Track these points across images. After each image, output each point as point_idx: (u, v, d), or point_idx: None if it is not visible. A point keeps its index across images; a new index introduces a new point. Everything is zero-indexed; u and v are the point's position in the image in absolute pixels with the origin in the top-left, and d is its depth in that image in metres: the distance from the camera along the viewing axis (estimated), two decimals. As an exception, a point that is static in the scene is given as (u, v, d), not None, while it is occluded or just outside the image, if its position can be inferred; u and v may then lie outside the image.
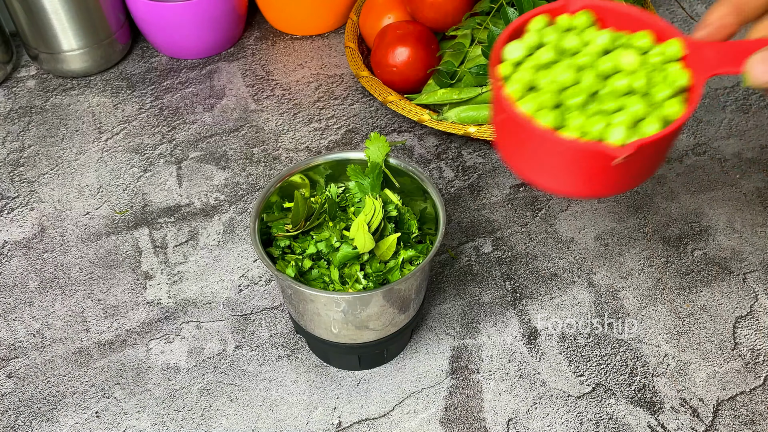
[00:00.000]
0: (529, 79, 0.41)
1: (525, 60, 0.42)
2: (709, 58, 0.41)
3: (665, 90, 0.40)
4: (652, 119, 0.39)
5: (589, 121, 0.39)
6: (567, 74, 0.40)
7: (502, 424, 0.56)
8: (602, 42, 0.41)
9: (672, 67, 0.41)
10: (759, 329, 0.61)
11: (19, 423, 0.56)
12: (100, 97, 0.82)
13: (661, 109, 0.40)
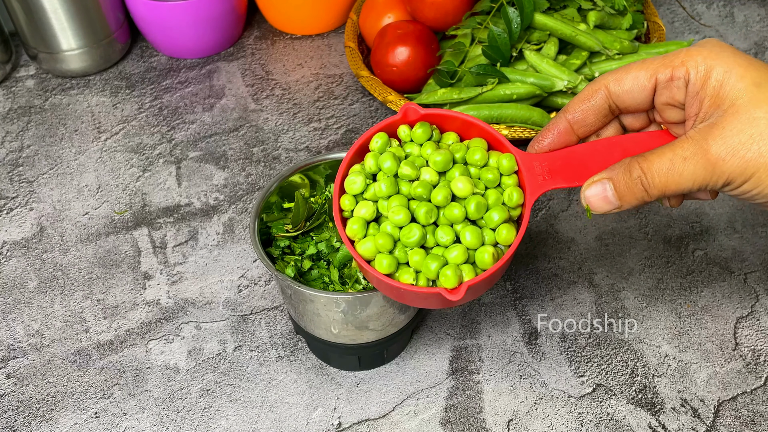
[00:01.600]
0: (368, 216, 0.43)
1: (366, 188, 0.44)
2: (542, 173, 0.43)
3: (498, 215, 0.42)
4: (486, 248, 0.42)
5: (425, 262, 0.42)
6: (402, 215, 0.42)
7: (503, 425, 0.56)
8: (437, 165, 0.43)
9: (506, 183, 0.43)
10: (760, 329, 0.61)
11: (18, 423, 0.56)
12: (99, 97, 0.82)
13: (494, 235, 0.42)
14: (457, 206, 0.42)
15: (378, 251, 0.43)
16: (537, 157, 0.43)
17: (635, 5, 0.78)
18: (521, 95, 0.72)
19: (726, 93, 0.38)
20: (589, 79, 0.75)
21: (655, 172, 0.38)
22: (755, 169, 0.37)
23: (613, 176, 0.40)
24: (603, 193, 0.40)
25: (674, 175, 0.38)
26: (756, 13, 0.92)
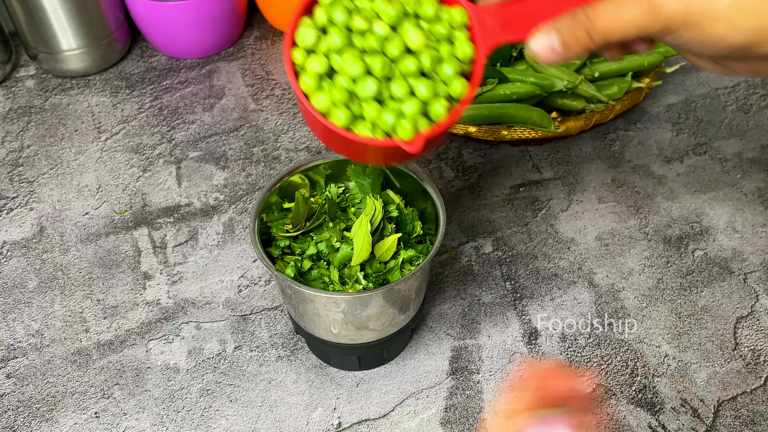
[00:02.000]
0: (322, 69, 0.41)
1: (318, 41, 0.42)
2: (493, 26, 0.42)
3: (450, 67, 0.41)
4: (440, 100, 0.41)
5: (381, 114, 0.41)
6: (356, 67, 0.41)
7: (503, 425, 0.56)
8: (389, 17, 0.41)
9: (458, 38, 0.42)
10: (760, 329, 0.61)
11: (18, 423, 0.56)
12: (99, 97, 0.82)
13: (448, 88, 0.42)
14: (410, 59, 0.41)
15: (333, 104, 0.42)
16: (488, 10, 0.42)
17: None
18: (521, 95, 0.72)
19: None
20: (589, 79, 0.75)
21: (600, 19, 0.39)
22: (695, 15, 0.37)
23: (558, 26, 0.40)
24: (548, 43, 0.40)
25: (617, 19, 0.38)
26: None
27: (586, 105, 0.73)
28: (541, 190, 0.72)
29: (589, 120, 0.72)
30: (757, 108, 0.80)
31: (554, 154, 0.76)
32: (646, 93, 0.76)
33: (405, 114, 0.41)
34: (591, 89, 0.73)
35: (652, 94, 0.82)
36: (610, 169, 0.74)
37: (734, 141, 0.77)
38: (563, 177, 0.73)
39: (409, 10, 0.42)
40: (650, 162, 0.75)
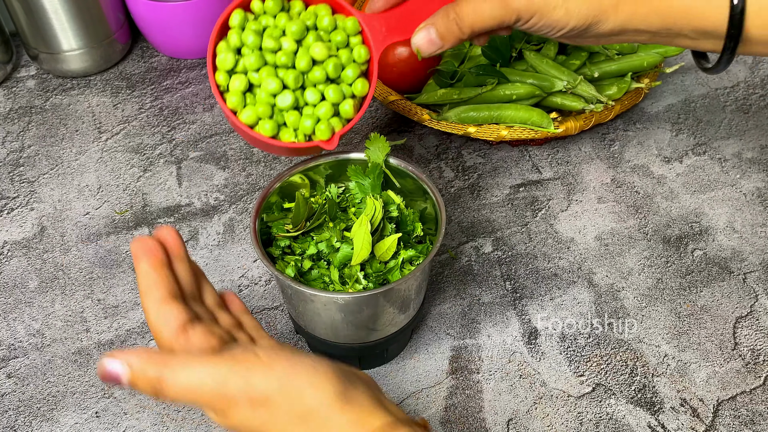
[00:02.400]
0: (242, 87, 0.48)
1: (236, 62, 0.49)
2: (381, 30, 0.50)
3: (352, 71, 0.49)
4: (347, 100, 0.49)
5: (301, 121, 0.49)
6: (273, 83, 0.48)
7: (502, 425, 0.56)
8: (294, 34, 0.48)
9: (354, 43, 0.50)
10: (759, 329, 0.61)
11: (19, 423, 0.56)
12: (99, 97, 0.82)
13: (351, 89, 0.50)
14: (318, 69, 0.49)
15: (259, 118, 0.49)
16: (376, 17, 0.49)
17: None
18: (521, 95, 0.72)
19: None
20: (589, 79, 0.75)
21: (464, 14, 0.46)
22: (537, 6, 0.45)
23: (434, 22, 0.47)
24: (428, 37, 0.48)
25: (479, 14, 0.46)
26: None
27: (586, 105, 0.73)
28: (540, 190, 0.72)
29: (589, 120, 0.72)
30: (756, 108, 0.80)
31: (554, 154, 0.76)
32: (645, 93, 0.76)
33: (320, 117, 0.49)
34: (590, 89, 0.73)
35: (651, 95, 0.82)
36: (610, 169, 0.74)
37: (733, 141, 0.77)
38: (563, 177, 0.73)
39: (309, 24, 0.49)
40: (650, 162, 0.75)
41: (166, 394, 0.37)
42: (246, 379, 0.37)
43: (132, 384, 0.38)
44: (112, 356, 0.38)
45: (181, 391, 0.37)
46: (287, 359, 0.38)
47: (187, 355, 0.38)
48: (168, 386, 0.37)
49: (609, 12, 0.46)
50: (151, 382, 0.37)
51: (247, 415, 0.37)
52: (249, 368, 0.38)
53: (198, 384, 0.37)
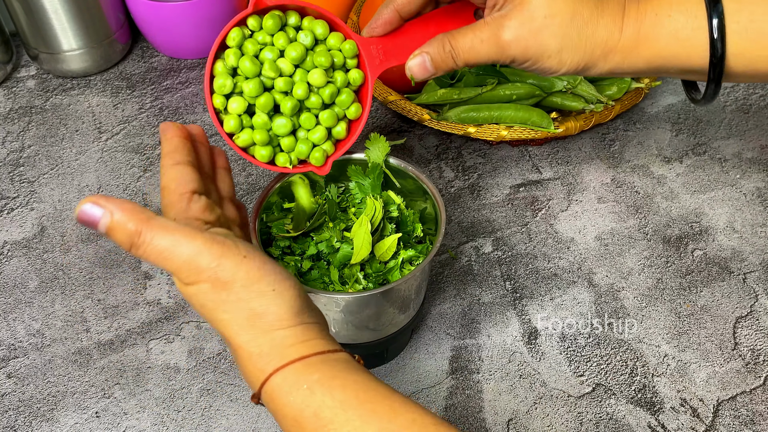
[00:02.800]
0: (240, 109, 0.49)
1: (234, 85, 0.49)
2: (378, 55, 0.51)
3: (347, 96, 0.50)
4: (341, 123, 0.51)
5: (297, 147, 0.50)
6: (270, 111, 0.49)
7: (502, 424, 0.56)
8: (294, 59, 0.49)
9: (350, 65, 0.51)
10: (759, 329, 0.61)
11: (19, 423, 0.56)
12: (100, 97, 0.82)
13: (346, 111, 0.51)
14: (314, 95, 0.49)
15: (254, 142, 0.49)
16: (374, 42, 0.50)
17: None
18: (521, 95, 0.72)
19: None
20: (589, 79, 0.75)
21: (460, 49, 0.48)
22: (531, 53, 0.48)
23: (429, 51, 0.49)
24: (423, 64, 0.49)
25: (474, 53, 0.48)
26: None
27: (586, 105, 0.73)
28: (540, 190, 0.72)
29: (589, 120, 0.72)
30: (756, 108, 0.80)
31: (554, 154, 0.76)
32: (645, 93, 0.76)
33: (315, 142, 0.50)
34: (590, 89, 0.73)
35: (651, 95, 0.82)
36: (610, 169, 0.74)
37: (733, 141, 0.77)
38: (563, 177, 0.73)
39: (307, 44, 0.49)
40: (650, 162, 0.75)
41: (140, 250, 0.39)
42: (218, 260, 0.39)
43: (108, 232, 0.39)
44: (95, 202, 0.39)
45: (154, 252, 0.39)
46: (262, 260, 0.41)
47: (169, 221, 0.40)
48: (144, 244, 0.39)
49: (599, 61, 0.49)
50: (129, 236, 0.39)
51: (206, 292, 0.39)
52: (224, 252, 0.39)
53: (172, 249, 0.39)
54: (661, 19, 0.48)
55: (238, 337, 0.40)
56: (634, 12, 0.49)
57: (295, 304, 0.41)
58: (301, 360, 0.39)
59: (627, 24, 0.48)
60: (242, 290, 0.39)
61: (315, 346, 0.40)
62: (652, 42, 0.48)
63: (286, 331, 0.40)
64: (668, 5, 0.48)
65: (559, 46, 0.48)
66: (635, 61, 0.49)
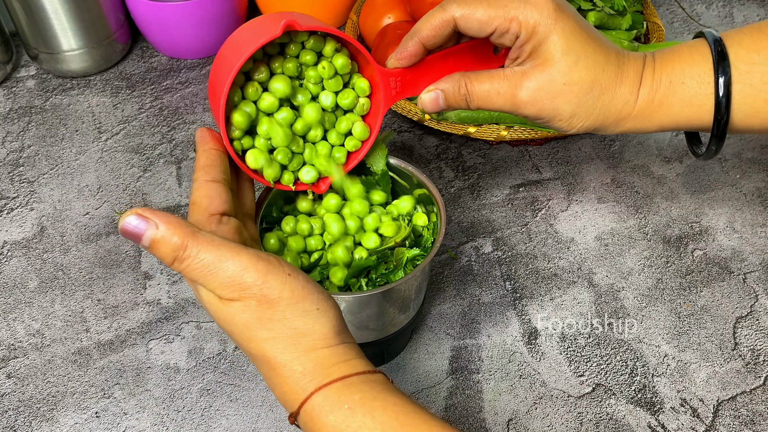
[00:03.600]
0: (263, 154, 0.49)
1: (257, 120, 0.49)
2: (395, 87, 0.51)
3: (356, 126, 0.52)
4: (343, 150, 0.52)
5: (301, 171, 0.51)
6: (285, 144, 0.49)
7: (502, 425, 0.56)
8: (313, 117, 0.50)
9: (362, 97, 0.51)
10: (759, 329, 0.61)
11: (18, 423, 0.56)
12: (99, 97, 0.82)
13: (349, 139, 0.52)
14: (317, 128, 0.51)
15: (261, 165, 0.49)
16: (393, 73, 0.50)
17: (635, 6, 0.78)
18: (521, 95, 0.72)
19: (542, 52, 0.47)
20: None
21: (475, 95, 0.49)
22: (544, 114, 0.49)
23: (445, 88, 0.50)
24: (436, 100, 0.50)
25: (488, 101, 0.49)
26: (755, 13, 0.92)
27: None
28: (540, 190, 0.72)
29: (589, 120, 0.72)
30: (756, 108, 0.80)
31: (554, 154, 0.76)
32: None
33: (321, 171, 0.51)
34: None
35: (651, 95, 0.82)
36: (610, 169, 0.74)
37: (733, 141, 0.77)
38: (563, 177, 0.73)
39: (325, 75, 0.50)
40: (650, 162, 0.75)
41: (183, 264, 0.39)
42: (264, 277, 0.39)
43: (151, 245, 0.38)
44: (140, 214, 0.38)
45: (198, 266, 0.38)
46: (305, 278, 0.41)
47: (214, 236, 0.40)
48: (188, 258, 0.38)
49: (610, 127, 0.50)
50: (174, 250, 0.38)
51: (253, 308, 0.39)
52: (269, 269, 0.39)
53: (217, 264, 0.38)
54: (675, 86, 0.49)
55: (281, 355, 0.39)
56: (650, 80, 0.49)
57: (337, 324, 0.41)
58: (343, 380, 0.39)
59: (642, 93, 0.49)
60: (287, 309, 0.39)
61: (355, 366, 0.40)
62: (666, 108, 0.49)
63: (329, 350, 0.40)
64: (681, 72, 0.49)
65: (572, 112, 0.49)
66: (647, 126, 0.50)
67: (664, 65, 0.49)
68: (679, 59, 0.49)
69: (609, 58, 0.49)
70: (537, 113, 0.49)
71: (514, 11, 0.47)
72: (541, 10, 0.47)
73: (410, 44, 0.49)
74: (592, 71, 0.48)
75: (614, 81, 0.49)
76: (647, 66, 0.50)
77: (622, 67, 0.49)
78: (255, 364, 0.42)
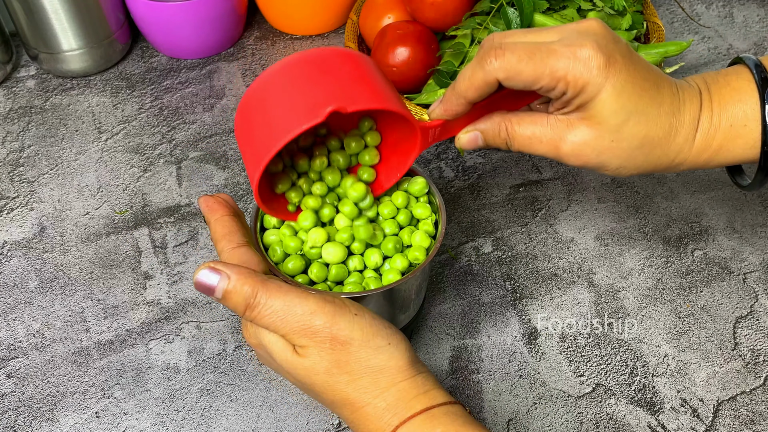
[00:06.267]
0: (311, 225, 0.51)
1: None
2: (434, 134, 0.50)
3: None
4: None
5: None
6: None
7: (502, 425, 0.56)
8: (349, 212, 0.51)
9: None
10: (759, 329, 0.61)
11: (18, 423, 0.56)
12: (99, 97, 0.82)
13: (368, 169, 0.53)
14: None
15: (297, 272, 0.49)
16: (435, 125, 0.49)
17: (635, 6, 0.78)
18: (521, 95, 0.72)
19: (589, 107, 0.44)
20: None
21: (516, 140, 0.48)
22: (589, 166, 0.47)
23: (485, 129, 0.49)
24: (475, 140, 0.49)
25: (529, 148, 0.47)
26: (755, 13, 0.92)
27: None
28: (540, 190, 0.72)
29: (589, 120, 0.72)
30: (756, 108, 0.80)
31: (554, 154, 0.76)
32: (645, 93, 0.76)
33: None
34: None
35: (651, 95, 0.82)
36: (610, 169, 0.74)
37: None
38: (563, 177, 0.73)
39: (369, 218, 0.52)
40: (650, 162, 0.75)
41: (255, 312, 0.40)
42: (332, 319, 0.39)
43: (224, 297, 0.40)
44: (213, 268, 0.40)
45: (268, 313, 0.39)
46: (371, 315, 0.41)
47: (282, 282, 0.41)
48: (259, 305, 0.39)
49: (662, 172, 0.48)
50: (246, 298, 0.39)
51: (328, 352, 0.40)
52: (336, 311, 0.40)
53: (286, 310, 0.39)
54: (737, 129, 0.45)
55: (365, 395, 0.40)
56: (707, 123, 0.46)
57: (410, 355, 0.41)
58: (425, 412, 0.39)
59: (699, 139, 0.46)
60: (361, 349, 0.40)
61: (435, 397, 0.40)
62: (725, 153, 0.46)
63: (408, 382, 0.40)
64: (744, 115, 0.45)
65: (620, 165, 0.46)
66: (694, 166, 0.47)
67: (723, 105, 0.46)
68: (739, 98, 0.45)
69: (662, 107, 0.45)
70: (581, 164, 0.46)
71: (561, 71, 0.43)
72: (590, 67, 0.43)
73: (454, 102, 0.47)
74: (644, 127, 0.44)
75: (668, 133, 0.45)
76: (704, 108, 0.46)
77: (677, 115, 0.45)
78: (336, 412, 0.42)
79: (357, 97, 0.44)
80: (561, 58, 0.43)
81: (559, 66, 0.43)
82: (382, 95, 0.45)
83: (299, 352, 0.40)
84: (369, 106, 0.44)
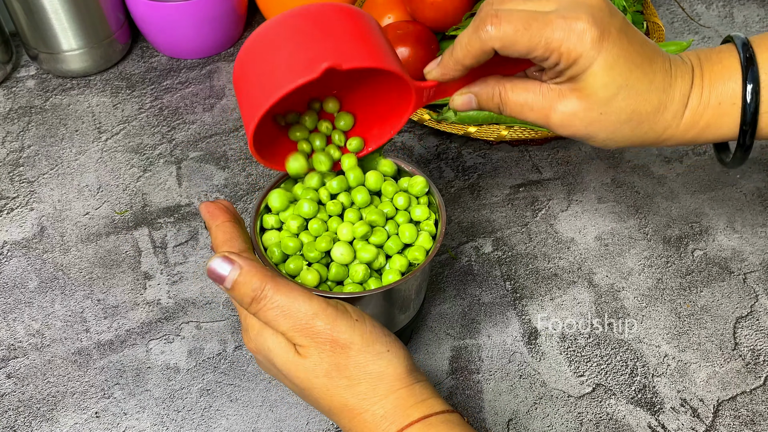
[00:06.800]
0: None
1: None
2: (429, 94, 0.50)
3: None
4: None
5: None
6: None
7: (502, 425, 0.56)
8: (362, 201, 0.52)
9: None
10: (759, 329, 0.61)
11: (18, 423, 0.56)
12: (99, 97, 0.82)
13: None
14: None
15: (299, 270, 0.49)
16: (429, 85, 0.49)
17: (635, 5, 0.78)
18: (521, 95, 0.72)
19: (580, 80, 0.45)
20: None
21: (509, 105, 0.48)
22: (577, 136, 0.47)
23: (478, 92, 0.49)
24: (469, 104, 0.50)
25: (520, 114, 0.48)
26: (755, 13, 0.92)
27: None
28: (540, 190, 0.72)
29: (589, 120, 0.72)
30: (756, 108, 0.80)
31: (554, 154, 0.76)
32: (645, 93, 0.76)
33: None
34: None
35: (651, 95, 0.82)
36: (610, 169, 0.74)
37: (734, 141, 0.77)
38: (563, 177, 0.73)
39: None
40: (650, 162, 0.75)
41: (260, 304, 0.40)
42: (333, 322, 0.40)
43: (233, 287, 0.41)
44: (227, 258, 0.41)
45: (273, 307, 0.40)
46: (371, 323, 0.42)
47: (289, 281, 0.41)
48: (265, 298, 0.40)
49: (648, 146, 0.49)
50: (254, 290, 0.40)
51: (329, 354, 0.40)
52: (338, 315, 0.41)
53: (290, 306, 0.40)
54: (725, 107, 0.46)
55: (363, 402, 0.40)
56: (697, 101, 0.46)
57: (409, 363, 0.42)
58: (423, 420, 0.39)
59: (687, 116, 0.46)
60: (360, 354, 0.40)
61: (433, 406, 0.40)
62: (713, 130, 0.47)
63: (406, 390, 0.40)
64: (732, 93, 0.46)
65: (607, 137, 0.47)
66: (687, 143, 0.48)
67: (713, 83, 0.46)
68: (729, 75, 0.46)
69: (653, 83, 0.45)
70: (569, 135, 0.48)
71: (556, 42, 0.43)
72: (584, 40, 0.43)
73: (451, 66, 0.47)
74: (633, 102, 0.45)
75: (657, 109, 0.46)
76: (695, 85, 0.46)
77: (667, 92, 0.46)
78: (334, 419, 0.42)
79: (353, 55, 0.44)
80: (556, 30, 0.43)
81: (554, 37, 0.43)
82: (378, 54, 0.46)
83: (300, 353, 0.41)
84: (365, 65, 0.45)
